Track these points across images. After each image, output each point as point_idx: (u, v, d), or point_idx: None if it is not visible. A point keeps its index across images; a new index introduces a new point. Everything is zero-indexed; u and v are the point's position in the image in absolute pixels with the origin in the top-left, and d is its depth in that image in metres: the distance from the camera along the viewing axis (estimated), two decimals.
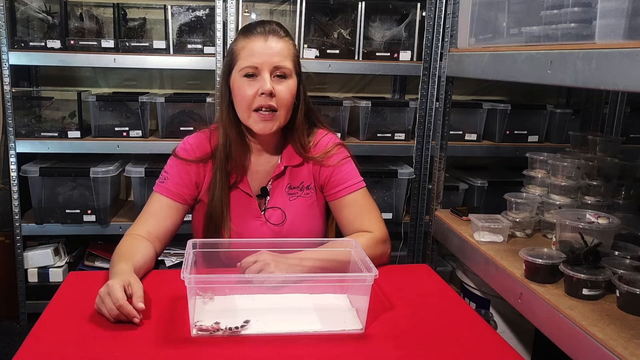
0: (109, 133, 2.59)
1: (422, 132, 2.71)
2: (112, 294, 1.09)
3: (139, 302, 1.10)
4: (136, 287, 1.14)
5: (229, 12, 2.49)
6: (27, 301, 2.63)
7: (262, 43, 1.37)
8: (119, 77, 2.95)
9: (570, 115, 2.84)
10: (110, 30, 2.62)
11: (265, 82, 1.36)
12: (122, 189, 2.98)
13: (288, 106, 1.42)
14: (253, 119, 1.40)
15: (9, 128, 2.47)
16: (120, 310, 1.07)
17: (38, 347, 1.01)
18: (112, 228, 2.60)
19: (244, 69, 1.37)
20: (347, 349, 1.04)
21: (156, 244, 1.41)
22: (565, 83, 1.32)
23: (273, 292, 1.21)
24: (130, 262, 1.26)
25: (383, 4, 2.68)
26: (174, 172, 1.47)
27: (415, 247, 2.81)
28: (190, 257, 1.15)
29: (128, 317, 1.08)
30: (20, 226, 2.55)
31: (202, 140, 1.50)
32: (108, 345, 1.02)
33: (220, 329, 1.07)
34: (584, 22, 1.32)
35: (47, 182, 2.52)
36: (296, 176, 1.51)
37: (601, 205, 1.82)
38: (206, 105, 2.59)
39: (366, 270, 1.11)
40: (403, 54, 2.67)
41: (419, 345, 1.06)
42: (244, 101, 1.38)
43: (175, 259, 2.62)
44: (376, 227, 1.46)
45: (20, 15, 2.55)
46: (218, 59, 2.51)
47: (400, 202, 2.71)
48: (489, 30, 1.87)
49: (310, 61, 2.55)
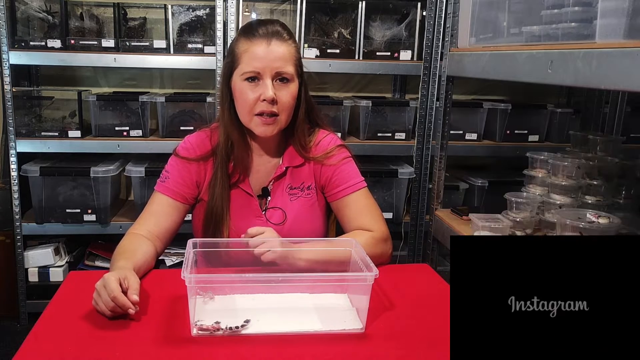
0: (109, 133, 2.59)
1: (423, 131, 2.71)
2: (107, 286, 1.09)
3: (133, 295, 1.10)
4: (132, 281, 1.14)
5: (229, 11, 2.49)
6: (27, 301, 2.63)
7: (264, 47, 1.36)
8: (120, 76, 2.95)
9: (571, 114, 2.84)
10: (111, 29, 2.63)
11: (267, 89, 1.35)
12: (123, 188, 2.98)
13: (289, 110, 1.42)
14: (254, 123, 1.40)
15: (10, 128, 2.47)
16: (114, 301, 1.07)
17: (38, 347, 1.01)
18: (112, 228, 2.60)
19: (246, 74, 1.37)
20: (347, 348, 1.04)
21: (157, 243, 1.41)
22: (566, 83, 1.32)
23: (273, 292, 1.21)
24: (130, 260, 1.26)
25: (383, 4, 2.68)
26: (174, 172, 1.47)
27: (415, 246, 2.81)
28: (190, 256, 1.15)
29: (123, 309, 1.08)
30: (20, 226, 2.55)
31: (202, 139, 1.50)
32: (108, 345, 1.02)
33: (220, 329, 1.07)
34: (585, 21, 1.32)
35: (48, 182, 2.52)
36: (297, 176, 1.51)
37: (601, 204, 1.82)
38: (206, 104, 2.60)
39: (366, 269, 1.11)
40: (403, 54, 2.67)
41: (419, 345, 1.06)
42: (246, 105, 1.38)
43: (176, 258, 2.62)
44: (377, 227, 1.46)
45: (21, 14, 2.55)
46: (218, 59, 2.51)
47: (400, 202, 2.71)
48: (490, 30, 1.87)
49: (311, 61, 2.55)
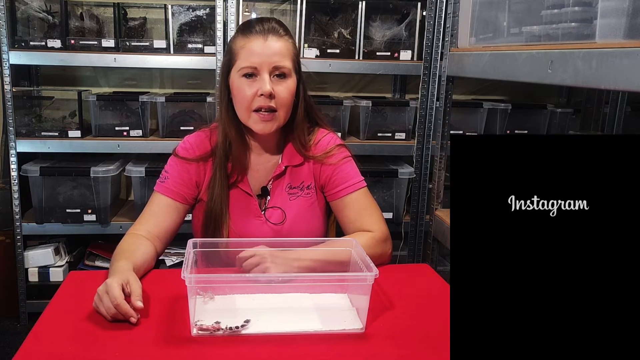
0: (109, 132, 2.59)
1: (423, 131, 2.71)
2: (110, 293, 1.09)
3: (137, 301, 1.10)
4: (135, 286, 1.14)
5: (229, 11, 2.49)
6: (27, 301, 2.63)
7: (261, 43, 1.36)
8: (120, 76, 2.95)
9: (571, 114, 2.84)
10: (111, 29, 2.63)
11: (264, 83, 1.35)
12: (123, 188, 2.99)
13: (287, 106, 1.41)
14: (253, 119, 1.40)
15: (10, 127, 2.47)
16: (117, 309, 1.07)
17: (38, 347, 1.01)
18: (112, 228, 2.60)
19: (243, 69, 1.37)
20: (347, 348, 1.04)
21: (157, 243, 1.41)
22: (566, 83, 1.32)
23: (273, 292, 1.21)
24: (130, 260, 1.26)
25: (383, 4, 2.68)
26: (174, 172, 1.47)
27: (415, 246, 2.81)
28: (190, 256, 1.15)
29: (125, 317, 1.08)
30: (20, 226, 2.55)
31: (202, 139, 1.50)
32: (108, 345, 1.02)
33: (220, 329, 1.07)
34: (585, 21, 1.32)
35: (48, 182, 2.52)
36: (297, 176, 1.51)
37: None
38: (206, 104, 2.59)
39: (366, 269, 1.11)
40: (403, 54, 2.67)
41: (419, 345, 1.06)
42: (244, 102, 1.38)
43: (176, 258, 2.62)
44: (377, 227, 1.46)
45: (21, 14, 2.55)
46: (218, 59, 2.51)
47: (400, 202, 2.71)
48: (490, 30, 1.87)
49: (311, 61, 2.55)
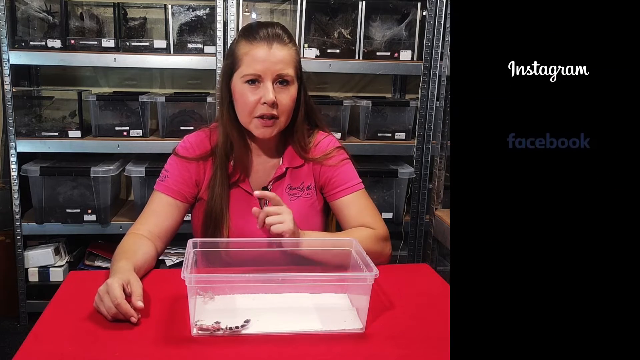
0: (109, 132, 2.59)
1: (423, 131, 2.71)
2: (110, 293, 1.09)
3: (138, 301, 1.10)
4: (135, 286, 1.14)
5: (230, 11, 2.49)
6: (27, 301, 2.63)
7: (265, 50, 1.36)
8: (120, 76, 2.95)
9: None
10: (111, 29, 2.63)
11: (268, 92, 1.35)
12: (123, 188, 2.99)
13: (289, 112, 1.42)
14: (254, 124, 1.40)
15: (10, 127, 2.47)
16: (118, 309, 1.07)
17: (38, 347, 1.01)
18: (112, 227, 2.60)
19: (246, 76, 1.37)
20: (347, 348, 1.04)
21: (157, 242, 1.41)
22: None
23: (273, 292, 1.21)
24: (130, 260, 1.26)
25: (383, 4, 2.68)
26: (174, 171, 1.47)
27: (415, 246, 2.81)
28: (190, 256, 1.15)
29: (125, 317, 1.08)
30: (20, 226, 2.55)
31: (202, 139, 1.50)
32: (108, 345, 1.02)
33: (220, 329, 1.07)
34: None
35: (48, 182, 2.52)
36: (297, 177, 1.51)
37: None
38: (206, 104, 2.59)
39: (367, 269, 1.11)
40: (403, 54, 2.67)
41: (419, 345, 1.06)
42: (246, 107, 1.39)
43: (176, 258, 2.62)
44: (378, 225, 1.47)
45: (21, 14, 2.55)
46: (218, 59, 2.51)
47: (400, 202, 2.71)
48: None
49: (311, 61, 2.55)
